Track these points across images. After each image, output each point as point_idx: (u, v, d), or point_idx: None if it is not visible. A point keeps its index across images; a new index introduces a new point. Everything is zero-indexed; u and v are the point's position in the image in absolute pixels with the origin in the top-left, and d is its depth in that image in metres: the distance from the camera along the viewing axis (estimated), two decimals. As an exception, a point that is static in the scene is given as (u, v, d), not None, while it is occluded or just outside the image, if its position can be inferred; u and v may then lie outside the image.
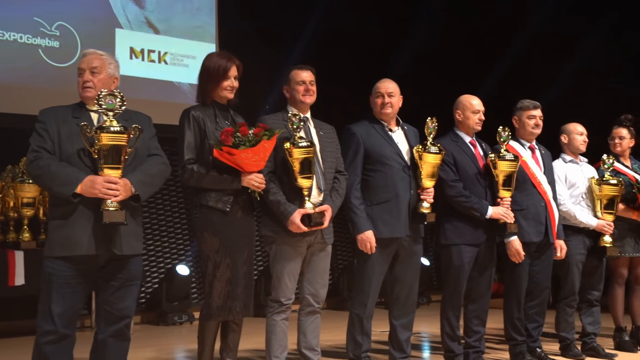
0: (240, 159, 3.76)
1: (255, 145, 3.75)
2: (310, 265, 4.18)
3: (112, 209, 3.28)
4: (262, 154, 3.81)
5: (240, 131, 3.74)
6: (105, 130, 3.29)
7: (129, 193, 3.35)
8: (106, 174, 3.29)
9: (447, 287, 4.78)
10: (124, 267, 3.45)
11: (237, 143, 3.73)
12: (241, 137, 3.73)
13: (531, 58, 9.40)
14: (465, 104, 4.81)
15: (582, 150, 5.40)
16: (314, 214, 3.98)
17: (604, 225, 5.22)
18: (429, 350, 5.80)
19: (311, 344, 4.24)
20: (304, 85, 4.20)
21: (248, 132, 3.75)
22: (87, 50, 3.60)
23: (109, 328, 3.47)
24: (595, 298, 5.41)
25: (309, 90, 4.21)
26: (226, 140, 3.73)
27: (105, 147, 3.29)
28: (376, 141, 4.47)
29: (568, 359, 5.17)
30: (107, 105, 3.33)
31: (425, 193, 4.47)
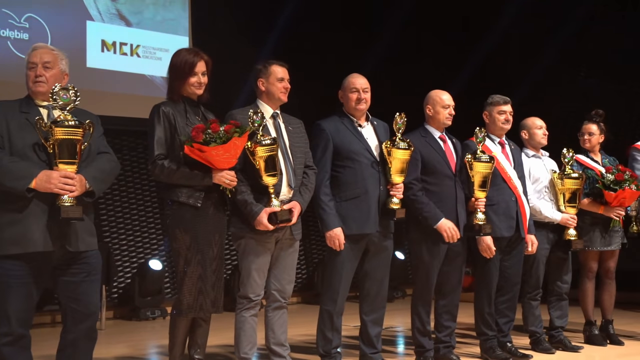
0: (211, 156, 3.74)
1: (227, 142, 3.72)
2: (277, 261, 4.17)
3: (68, 204, 3.24)
4: (234, 151, 3.78)
5: (211, 128, 3.71)
6: (60, 125, 3.25)
7: (84, 189, 3.31)
8: (61, 168, 3.25)
9: (418, 282, 4.79)
10: (82, 262, 3.39)
11: (207, 140, 3.70)
12: (212, 133, 3.70)
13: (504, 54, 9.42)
14: (436, 99, 4.81)
15: (544, 143, 5.42)
16: (279, 212, 3.96)
17: (568, 219, 5.25)
18: (403, 344, 5.82)
19: (280, 340, 4.23)
20: (283, 83, 4.20)
21: (219, 129, 3.71)
22: (37, 44, 3.53)
23: (79, 326, 3.41)
24: (564, 291, 5.44)
25: (288, 88, 4.21)
26: (197, 137, 3.70)
27: (60, 141, 3.24)
28: (345, 137, 4.45)
29: (539, 352, 5.19)
30: (62, 100, 3.30)
31: (394, 189, 4.47)
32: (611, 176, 5.36)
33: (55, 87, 3.30)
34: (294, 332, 5.73)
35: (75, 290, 3.38)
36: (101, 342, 5.92)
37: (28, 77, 3.42)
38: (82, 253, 3.37)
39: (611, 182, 5.34)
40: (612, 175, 5.37)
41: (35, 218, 3.24)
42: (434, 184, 4.70)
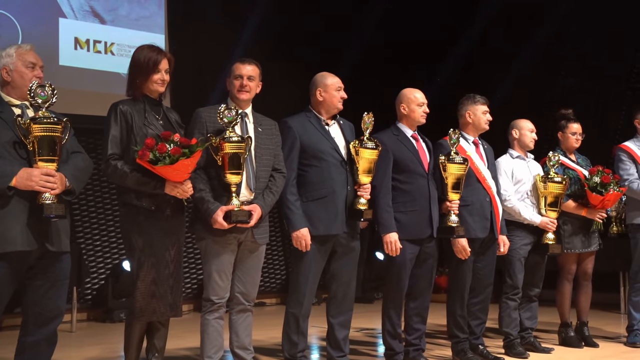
0: (160, 173, 3.66)
1: (174, 163, 3.62)
2: (241, 263, 4.09)
3: (49, 202, 3.20)
4: (184, 169, 3.68)
5: (157, 148, 3.60)
6: (39, 122, 3.22)
7: (64, 187, 3.28)
8: (41, 166, 3.20)
9: (389, 284, 4.72)
10: (54, 265, 3.35)
11: (154, 160, 3.61)
12: (158, 154, 3.60)
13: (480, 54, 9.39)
14: (410, 97, 4.74)
15: (531, 147, 5.38)
16: (235, 212, 3.87)
17: (547, 223, 5.19)
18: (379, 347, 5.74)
19: (243, 343, 4.15)
20: (240, 80, 4.09)
21: (166, 149, 3.61)
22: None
23: (41, 330, 3.36)
24: (534, 294, 5.39)
25: (245, 86, 4.08)
26: (143, 156, 3.60)
27: (40, 138, 3.20)
28: (313, 136, 4.37)
29: (512, 357, 5.12)
30: (40, 97, 3.26)
31: (362, 189, 4.39)
32: (597, 178, 5.30)
33: (32, 85, 3.27)
34: (270, 334, 5.68)
35: (44, 294, 3.34)
36: (72, 345, 5.93)
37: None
38: (59, 255, 3.35)
39: (597, 185, 5.27)
40: (598, 177, 5.30)
41: (16, 216, 3.20)
42: (407, 183, 4.63)
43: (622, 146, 5.73)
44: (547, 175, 5.25)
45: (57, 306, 3.39)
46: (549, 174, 5.24)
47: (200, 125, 3.99)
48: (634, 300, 5.65)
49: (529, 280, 5.32)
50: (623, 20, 8.65)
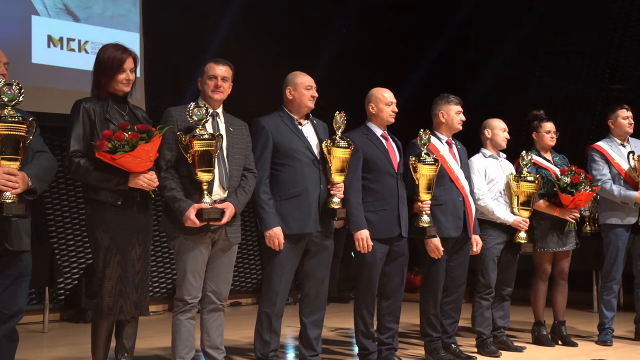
0: (122, 164, 3.62)
1: (134, 149, 3.59)
2: (213, 262, 4.07)
3: (9, 201, 3.16)
4: (145, 156, 3.65)
5: (115, 136, 3.58)
6: (4, 120, 3.18)
7: (26, 186, 3.23)
8: (3, 165, 3.16)
9: (360, 284, 4.71)
10: (14, 264, 3.32)
11: (113, 149, 3.58)
12: (117, 142, 3.58)
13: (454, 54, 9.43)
14: (378, 97, 4.75)
15: (504, 146, 5.40)
16: (207, 209, 3.86)
17: (520, 222, 5.21)
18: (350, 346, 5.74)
19: (215, 343, 4.13)
20: (214, 81, 4.08)
21: (124, 137, 3.58)
22: None
23: (1, 327, 3.32)
24: (507, 293, 5.41)
25: (219, 86, 4.08)
26: (101, 146, 3.57)
27: (3, 137, 3.17)
28: (286, 135, 4.37)
29: (484, 356, 5.14)
30: (6, 96, 3.23)
31: (335, 188, 4.40)
32: (567, 179, 5.33)
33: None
34: (244, 334, 5.67)
35: (3, 291, 3.30)
36: (43, 345, 5.88)
37: None
38: (19, 254, 3.31)
39: (567, 185, 5.30)
40: (568, 177, 5.33)
41: None
42: (376, 182, 4.64)
43: (595, 146, 5.77)
44: (519, 174, 5.27)
45: (17, 303, 3.36)
46: (521, 173, 5.27)
47: (170, 124, 3.97)
48: (605, 299, 5.70)
49: (502, 279, 5.34)
50: (596, 22, 8.72)
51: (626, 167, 5.60)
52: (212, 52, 7.44)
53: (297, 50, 8.45)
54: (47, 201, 7.34)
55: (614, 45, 8.82)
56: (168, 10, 7.97)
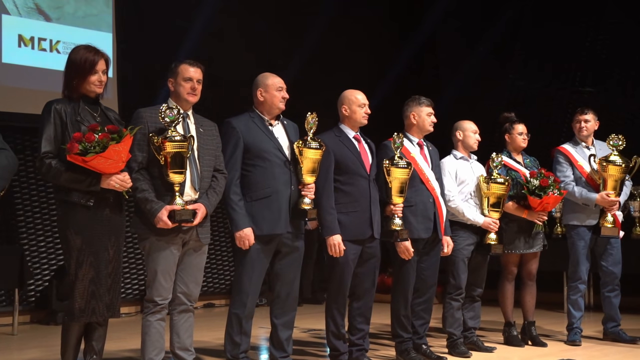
0: (93, 166, 3.61)
1: (104, 150, 3.58)
2: (184, 263, 4.07)
3: None
4: (116, 157, 3.65)
5: (85, 138, 3.57)
6: None
7: None
8: None
9: (332, 285, 4.72)
10: None
11: (84, 150, 3.57)
12: (87, 144, 3.56)
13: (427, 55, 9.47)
14: (351, 98, 4.76)
15: (475, 148, 5.45)
16: (179, 211, 3.86)
17: (490, 223, 5.26)
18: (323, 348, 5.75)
19: (185, 344, 4.12)
20: (190, 83, 4.08)
21: (94, 138, 3.57)
22: None
23: None
24: (477, 294, 5.46)
25: (195, 89, 4.08)
26: (72, 149, 3.56)
27: None
28: (256, 136, 4.38)
29: (455, 357, 5.17)
30: None
31: (306, 189, 4.41)
32: (536, 181, 5.38)
33: None
34: (216, 335, 5.65)
35: None
36: (13, 347, 5.83)
37: None
38: None
39: (536, 188, 5.36)
40: (537, 180, 5.38)
41: None
42: (348, 184, 4.65)
43: (560, 148, 5.85)
44: (490, 176, 5.32)
45: None
46: (492, 175, 5.31)
47: (141, 125, 3.95)
48: (572, 299, 5.77)
49: (472, 280, 5.38)
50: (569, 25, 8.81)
51: (588, 170, 5.68)
52: (186, 52, 7.41)
53: (270, 51, 8.44)
54: (18, 202, 7.27)
55: (585, 48, 8.92)
56: (141, 10, 7.93)
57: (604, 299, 5.82)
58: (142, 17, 7.93)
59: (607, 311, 5.82)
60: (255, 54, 8.27)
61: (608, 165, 5.54)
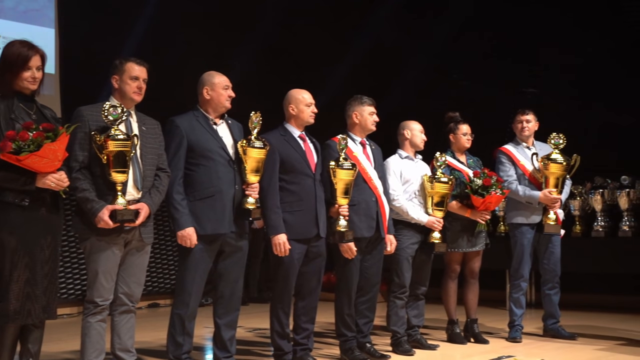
0: (28, 165, 3.52)
1: (39, 149, 3.50)
2: (126, 263, 4.01)
3: None
4: (52, 156, 3.56)
5: (19, 136, 3.48)
6: None
7: None
8: None
9: (277, 284, 4.71)
10: None
11: (17, 149, 3.48)
12: (21, 142, 3.47)
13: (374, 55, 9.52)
14: (298, 98, 4.77)
15: (421, 148, 5.50)
16: (121, 210, 3.80)
17: (434, 222, 5.31)
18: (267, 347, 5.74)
19: (126, 345, 4.06)
20: (137, 82, 4.03)
21: (28, 137, 3.49)
22: None
23: None
24: (421, 292, 5.51)
25: (142, 88, 4.04)
26: (4, 147, 3.46)
27: None
28: (200, 135, 4.34)
29: (399, 355, 5.21)
30: None
31: (250, 188, 4.39)
32: (479, 181, 5.46)
33: None
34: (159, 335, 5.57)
35: None
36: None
37: None
38: None
39: (479, 187, 5.43)
40: (480, 180, 5.46)
41: None
42: (293, 183, 4.65)
43: (502, 149, 5.95)
44: (434, 175, 5.37)
45: None
46: (436, 175, 5.37)
47: (82, 123, 3.88)
48: (514, 296, 5.87)
49: (416, 278, 5.42)
50: (514, 26, 8.94)
51: (530, 169, 5.78)
52: (129, 50, 7.32)
53: (215, 50, 8.38)
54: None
55: (529, 50, 9.07)
56: (84, 6, 7.80)
57: (544, 296, 5.94)
58: (85, 13, 7.79)
59: (547, 308, 5.94)
60: (201, 52, 8.20)
61: (550, 163, 5.66)
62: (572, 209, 7.97)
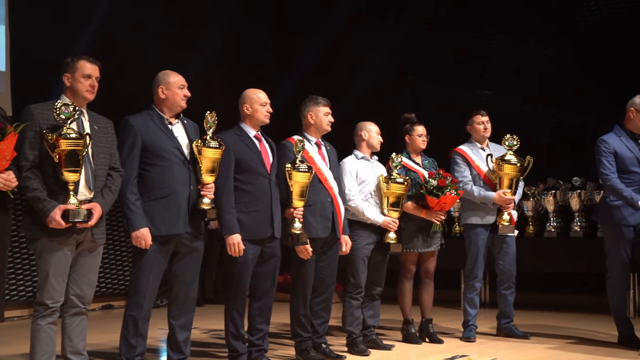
0: None
1: None
2: (77, 264, 3.94)
3: None
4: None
5: None
6: None
7: None
8: None
9: (231, 285, 4.68)
10: None
11: None
12: None
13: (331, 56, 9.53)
14: (253, 97, 4.75)
15: (378, 149, 5.53)
16: (73, 210, 3.74)
17: (389, 222, 5.33)
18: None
19: (77, 348, 4.00)
20: (90, 80, 3.96)
21: None
22: None
23: None
24: (377, 293, 5.52)
25: (94, 86, 3.98)
26: None
27: None
28: (155, 134, 4.30)
29: (354, 355, 5.22)
30: None
31: (205, 189, 4.36)
32: (434, 182, 5.50)
33: None
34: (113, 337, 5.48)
35: None
36: None
37: None
38: None
39: (434, 188, 5.47)
40: (435, 180, 5.50)
41: None
42: (249, 183, 4.63)
43: (457, 149, 6.00)
44: (389, 176, 5.40)
45: None
46: (391, 175, 5.40)
47: (32, 122, 3.81)
48: (468, 296, 5.93)
49: (372, 279, 5.44)
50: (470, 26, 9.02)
51: (485, 170, 5.85)
52: (81, 47, 7.21)
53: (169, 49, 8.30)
54: None
55: (484, 52, 9.17)
56: (35, 3, 7.65)
57: (499, 296, 6.00)
58: (37, 10, 7.64)
59: (501, 308, 6.01)
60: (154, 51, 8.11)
61: (504, 164, 5.73)
62: (525, 209, 8.09)
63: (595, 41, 8.43)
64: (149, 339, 4.48)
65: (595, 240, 6.99)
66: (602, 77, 8.19)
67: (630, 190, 5.23)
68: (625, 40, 8.17)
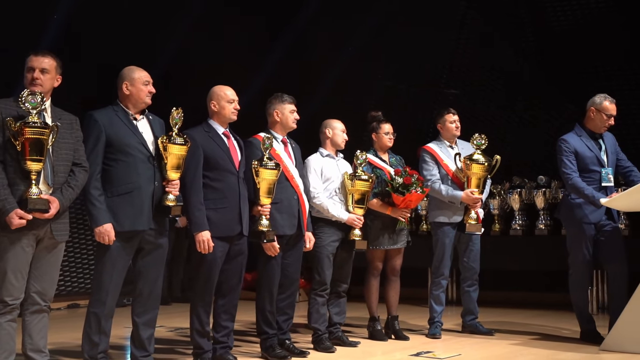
0: None
1: None
2: (38, 261, 3.91)
3: None
4: None
5: None
6: None
7: None
8: None
9: (198, 282, 4.67)
10: None
11: None
12: None
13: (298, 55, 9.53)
14: (220, 94, 4.74)
15: (342, 147, 5.55)
16: (33, 199, 3.73)
17: (354, 219, 5.35)
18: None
19: (38, 346, 3.96)
20: (31, 73, 3.93)
21: None
22: None
23: None
24: (343, 290, 5.53)
25: (36, 79, 3.92)
26: None
27: None
28: (119, 129, 4.26)
29: (319, 352, 5.23)
30: None
31: (170, 185, 4.34)
32: (400, 179, 5.52)
33: None
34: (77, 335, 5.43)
35: None
36: None
37: None
38: None
39: (399, 186, 5.50)
40: (401, 178, 5.53)
41: None
42: (217, 180, 4.62)
43: (426, 147, 6.03)
44: (354, 173, 5.42)
45: None
46: (356, 172, 5.41)
47: None
48: (434, 294, 5.97)
49: (338, 276, 5.45)
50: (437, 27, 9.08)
51: (454, 168, 5.89)
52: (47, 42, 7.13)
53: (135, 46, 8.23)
54: None
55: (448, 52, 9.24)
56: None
57: (463, 293, 6.06)
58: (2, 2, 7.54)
59: (466, 305, 6.06)
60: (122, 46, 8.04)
61: (472, 163, 5.77)
62: (491, 207, 8.17)
63: (559, 43, 8.54)
64: (114, 338, 4.46)
65: (560, 238, 7.05)
66: (566, 77, 8.31)
67: (591, 189, 5.31)
68: (588, 43, 8.28)
